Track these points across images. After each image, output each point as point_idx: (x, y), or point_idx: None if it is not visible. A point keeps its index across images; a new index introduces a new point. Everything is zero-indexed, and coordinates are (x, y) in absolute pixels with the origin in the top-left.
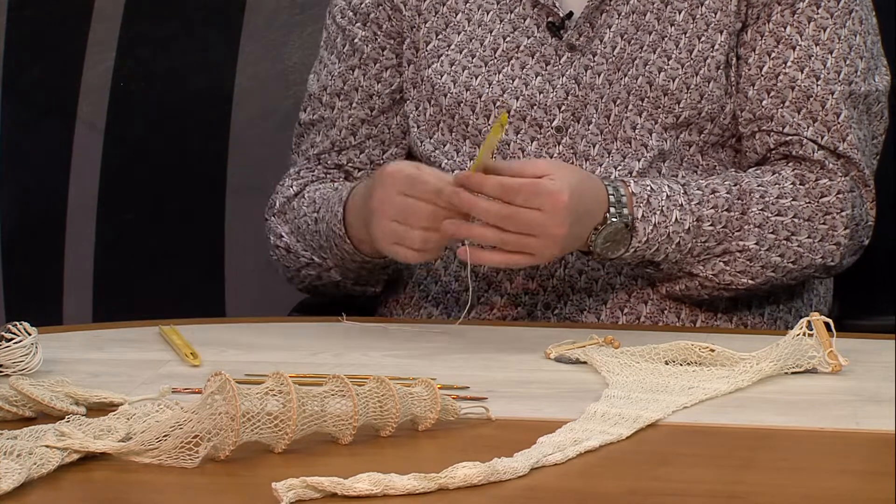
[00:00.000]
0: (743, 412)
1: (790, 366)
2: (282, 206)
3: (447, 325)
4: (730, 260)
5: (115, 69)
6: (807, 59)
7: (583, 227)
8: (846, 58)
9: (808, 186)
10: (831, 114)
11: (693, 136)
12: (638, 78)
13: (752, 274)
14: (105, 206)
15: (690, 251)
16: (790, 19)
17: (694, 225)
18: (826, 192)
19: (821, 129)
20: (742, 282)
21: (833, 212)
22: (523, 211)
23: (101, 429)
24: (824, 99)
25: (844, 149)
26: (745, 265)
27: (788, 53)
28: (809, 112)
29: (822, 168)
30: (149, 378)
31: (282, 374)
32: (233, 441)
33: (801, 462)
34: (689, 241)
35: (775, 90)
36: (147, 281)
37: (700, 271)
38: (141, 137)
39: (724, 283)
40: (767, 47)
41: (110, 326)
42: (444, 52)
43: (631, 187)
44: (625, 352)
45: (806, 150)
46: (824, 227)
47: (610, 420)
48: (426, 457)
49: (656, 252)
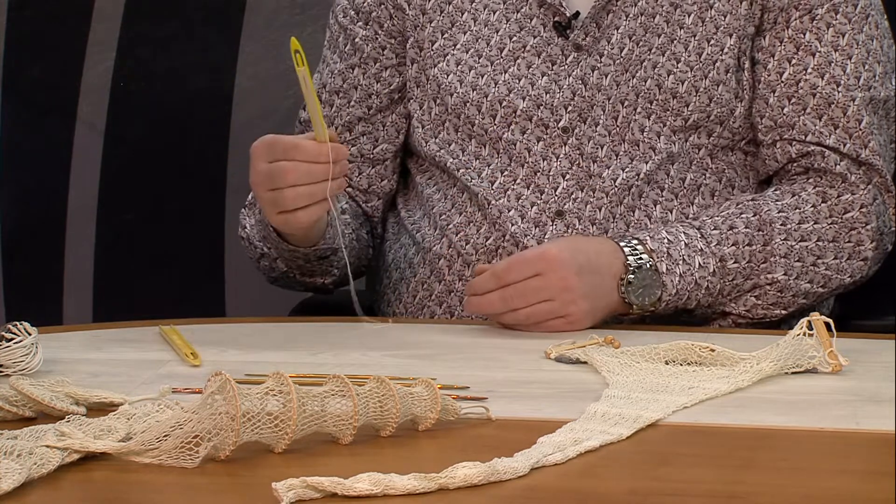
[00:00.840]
0: (743, 412)
1: (790, 366)
2: (252, 198)
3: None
4: (761, 294)
5: (115, 69)
6: (827, 66)
7: (598, 276)
8: (865, 63)
9: (831, 204)
10: (853, 120)
11: (702, 140)
12: (647, 80)
13: (784, 304)
14: (105, 207)
15: (720, 292)
16: (809, 25)
17: (718, 267)
18: (849, 208)
19: (843, 136)
20: (775, 313)
21: (858, 226)
22: (521, 283)
23: (102, 429)
24: (846, 106)
25: (867, 156)
26: (776, 297)
27: (808, 60)
28: (831, 119)
29: (843, 182)
30: (149, 378)
31: (282, 374)
32: (233, 441)
33: (801, 462)
34: (717, 283)
35: (796, 97)
36: (147, 281)
37: (733, 309)
38: (141, 137)
39: (758, 318)
40: (787, 53)
41: (110, 326)
42: (449, 52)
43: (649, 244)
44: (625, 352)
45: (828, 163)
46: (850, 245)
47: (610, 420)
48: (426, 457)
49: (688, 301)
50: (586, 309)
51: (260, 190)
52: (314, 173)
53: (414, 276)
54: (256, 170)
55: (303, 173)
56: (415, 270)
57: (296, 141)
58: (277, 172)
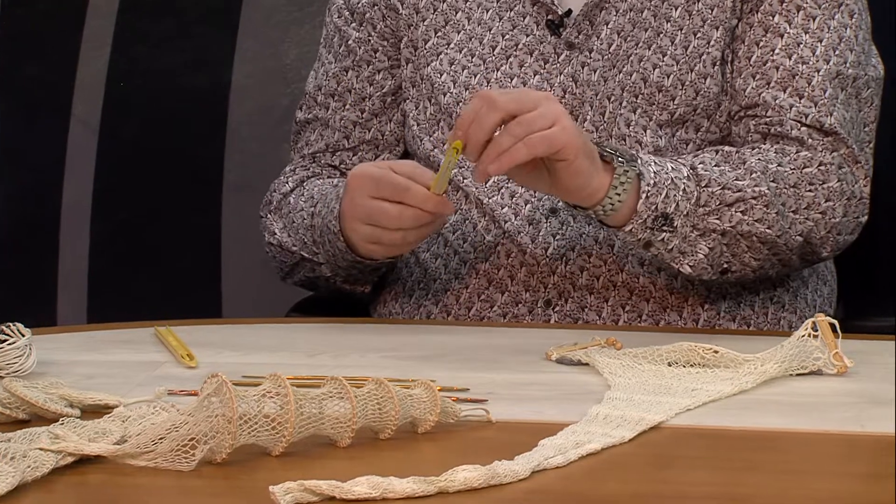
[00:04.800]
0: (747, 414)
1: (795, 367)
2: (278, 203)
3: (448, 325)
4: (746, 208)
5: (109, 66)
6: (795, 46)
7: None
8: (835, 47)
9: (790, 158)
10: (818, 89)
11: (689, 134)
12: (632, 74)
13: (768, 222)
14: (100, 205)
15: (698, 200)
16: (778, 8)
17: (691, 172)
18: (807, 164)
19: (807, 105)
20: (760, 230)
21: (816, 183)
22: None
23: (96, 431)
24: (810, 76)
25: (831, 124)
26: (762, 212)
27: (776, 41)
28: (795, 90)
29: (801, 144)
30: (144, 380)
31: (279, 376)
32: (229, 444)
33: (805, 465)
34: (694, 188)
35: (761, 73)
36: (142, 281)
37: (716, 225)
38: (136, 135)
39: (743, 233)
40: (756, 37)
41: (105, 327)
42: (443, 51)
43: (619, 149)
44: (627, 353)
45: (786, 128)
46: (809, 195)
47: (612, 422)
48: (426, 460)
49: (666, 200)
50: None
51: (356, 223)
52: (420, 219)
53: (410, 275)
54: (356, 203)
55: (409, 218)
56: (411, 270)
57: (408, 184)
58: (382, 213)
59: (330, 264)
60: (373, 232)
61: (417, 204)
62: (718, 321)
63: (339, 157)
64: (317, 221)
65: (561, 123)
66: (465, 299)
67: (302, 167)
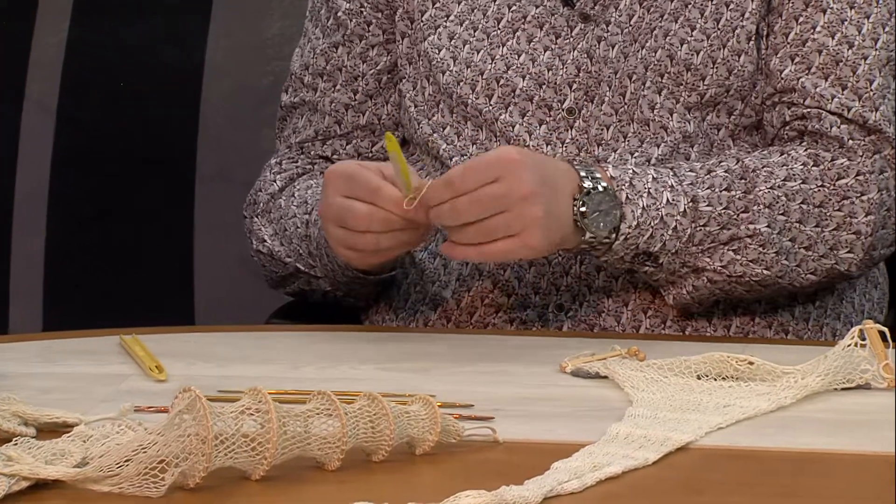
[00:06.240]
0: (785, 433)
1: (840, 381)
2: (266, 206)
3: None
4: (740, 248)
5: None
6: (839, 24)
7: (556, 193)
8: (885, 24)
9: (823, 168)
10: (864, 80)
11: (722, 118)
12: (657, 51)
13: (766, 263)
14: (57, 198)
15: (691, 238)
16: None
17: (690, 206)
18: (843, 174)
19: (850, 97)
20: (756, 272)
21: (852, 195)
22: (477, 190)
23: (54, 453)
24: (856, 64)
25: (876, 120)
26: (757, 252)
27: (818, 17)
28: (838, 78)
29: (840, 146)
30: (108, 395)
31: (260, 391)
32: (204, 467)
33: (848, 490)
34: (688, 226)
35: (800, 55)
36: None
37: (706, 264)
38: (98, 120)
39: (736, 275)
40: (794, 11)
41: (64, 336)
42: (441, 24)
43: (609, 171)
44: (651, 365)
45: (823, 125)
46: (840, 215)
47: (634, 443)
48: (424, 484)
49: (651, 240)
50: (543, 226)
51: (329, 224)
52: (391, 222)
53: (405, 277)
54: (328, 201)
55: (378, 221)
56: (406, 271)
57: (379, 184)
58: (352, 212)
59: (328, 279)
60: (344, 235)
61: (387, 206)
62: (753, 328)
63: (331, 145)
64: (312, 232)
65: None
66: (468, 304)
67: (289, 159)
